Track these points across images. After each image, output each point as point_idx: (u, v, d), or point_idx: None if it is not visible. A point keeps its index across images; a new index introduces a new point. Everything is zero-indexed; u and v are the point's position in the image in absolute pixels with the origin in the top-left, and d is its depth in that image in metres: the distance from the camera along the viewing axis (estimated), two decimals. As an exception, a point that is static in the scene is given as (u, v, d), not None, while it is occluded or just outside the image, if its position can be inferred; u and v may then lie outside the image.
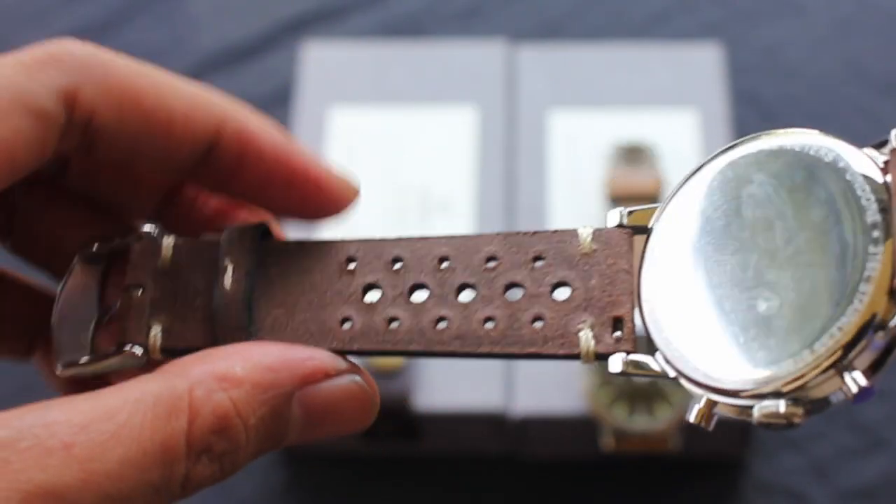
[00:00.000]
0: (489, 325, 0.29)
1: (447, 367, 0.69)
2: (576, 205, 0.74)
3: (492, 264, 0.30)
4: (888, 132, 0.28)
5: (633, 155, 0.74)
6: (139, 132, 0.31)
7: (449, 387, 0.69)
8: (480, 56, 0.81)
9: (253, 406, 0.27)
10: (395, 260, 0.30)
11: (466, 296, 0.30)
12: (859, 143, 0.28)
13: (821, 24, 0.88)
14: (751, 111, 0.84)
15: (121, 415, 0.26)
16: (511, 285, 0.30)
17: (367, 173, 0.75)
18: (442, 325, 0.29)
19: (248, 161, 0.33)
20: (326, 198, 0.33)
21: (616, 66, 0.80)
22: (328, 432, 0.29)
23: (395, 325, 0.30)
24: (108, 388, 0.27)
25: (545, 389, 0.68)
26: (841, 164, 0.27)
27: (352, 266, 0.31)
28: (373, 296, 0.30)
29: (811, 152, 0.28)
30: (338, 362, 0.29)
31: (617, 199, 0.73)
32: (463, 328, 0.29)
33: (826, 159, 0.28)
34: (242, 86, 0.84)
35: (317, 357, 0.29)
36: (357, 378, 0.29)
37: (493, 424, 0.69)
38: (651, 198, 0.72)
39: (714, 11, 0.89)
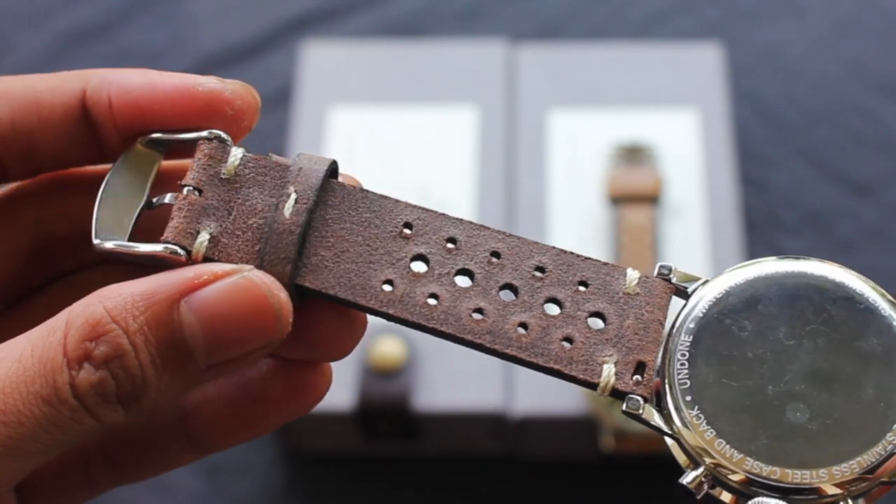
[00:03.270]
0: (521, 330, 0.30)
1: (447, 367, 0.69)
2: (576, 204, 0.74)
3: (539, 274, 0.31)
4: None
5: (633, 155, 0.74)
6: (14, 120, 0.31)
7: (449, 387, 0.69)
8: (480, 56, 0.81)
9: (130, 312, 0.27)
10: (451, 240, 0.31)
11: (508, 296, 0.31)
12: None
13: (821, 24, 0.88)
14: (751, 111, 0.84)
15: (7, 348, 0.28)
16: (552, 300, 0.31)
17: (367, 173, 0.75)
18: (478, 315, 0.30)
19: (120, 108, 0.31)
20: (221, 107, 0.31)
21: (616, 66, 0.80)
22: (238, 344, 0.28)
23: (433, 301, 0.31)
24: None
25: (545, 389, 0.68)
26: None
27: (408, 231, 0.31)
28: (419, 267, 0.31)
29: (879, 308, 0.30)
30: (227, 267, 0.29)
31: (617, 199, 0.73)
32: (497, 325, 0.30)
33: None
34: (242, 86, 0.84)
35: (206, 266, 0.29)
36: (247, 273, 0.29)
37: (493, 424, 0.69)
38: (651, 197, 0.72)
39: (714, 11, 0.89)
